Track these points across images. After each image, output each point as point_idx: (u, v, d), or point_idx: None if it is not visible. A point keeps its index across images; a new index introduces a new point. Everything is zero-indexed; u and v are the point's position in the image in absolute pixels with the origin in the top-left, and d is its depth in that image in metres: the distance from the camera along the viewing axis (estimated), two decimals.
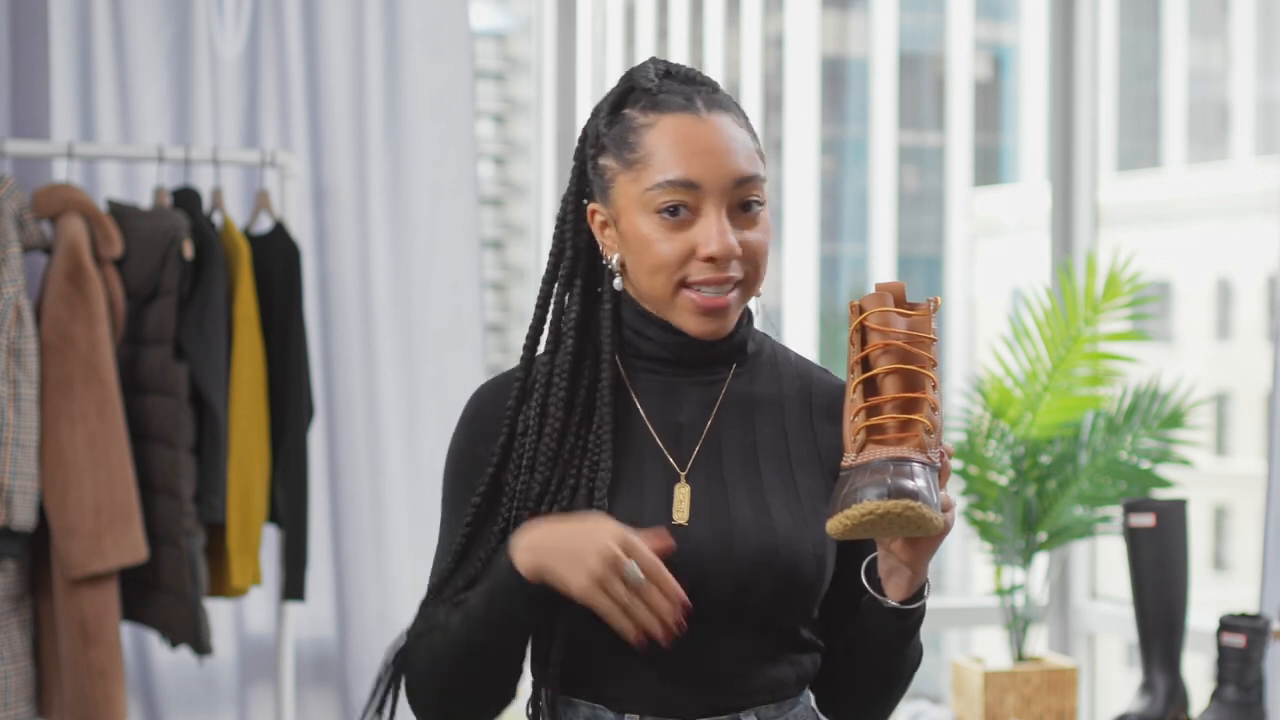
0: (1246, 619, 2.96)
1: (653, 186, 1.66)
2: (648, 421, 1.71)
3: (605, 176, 1.70)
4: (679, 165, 1.65)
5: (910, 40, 6.57)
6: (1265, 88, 6.64)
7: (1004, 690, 3.47)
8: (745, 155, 1.68)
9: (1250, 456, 7.49)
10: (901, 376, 1.58)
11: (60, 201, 2.96)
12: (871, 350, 1.59)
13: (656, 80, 1.70)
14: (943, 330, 5.92)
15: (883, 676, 1.74)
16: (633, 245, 1.68)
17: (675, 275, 1.66)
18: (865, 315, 1.60)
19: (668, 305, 1.69)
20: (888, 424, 1.57)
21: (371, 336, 3.38)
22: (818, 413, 1.76)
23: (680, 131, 1.66)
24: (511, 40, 5.81)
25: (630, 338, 1.73)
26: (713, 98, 1.69)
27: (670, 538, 1.59)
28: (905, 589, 1.66)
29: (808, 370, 1.80)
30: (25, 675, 2.95)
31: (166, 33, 3.30)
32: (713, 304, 1.67)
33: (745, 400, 1.74)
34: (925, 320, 1.60)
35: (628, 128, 1.68)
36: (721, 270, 1.66)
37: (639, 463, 1.69)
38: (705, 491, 1.68)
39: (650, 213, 1.66)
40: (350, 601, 3.37)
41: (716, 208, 1.66)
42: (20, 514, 2.87)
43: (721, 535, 1.66)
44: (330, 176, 3.39)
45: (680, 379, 1.73)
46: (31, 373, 2.89)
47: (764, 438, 1.73)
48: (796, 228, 6.20)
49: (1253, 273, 7.57)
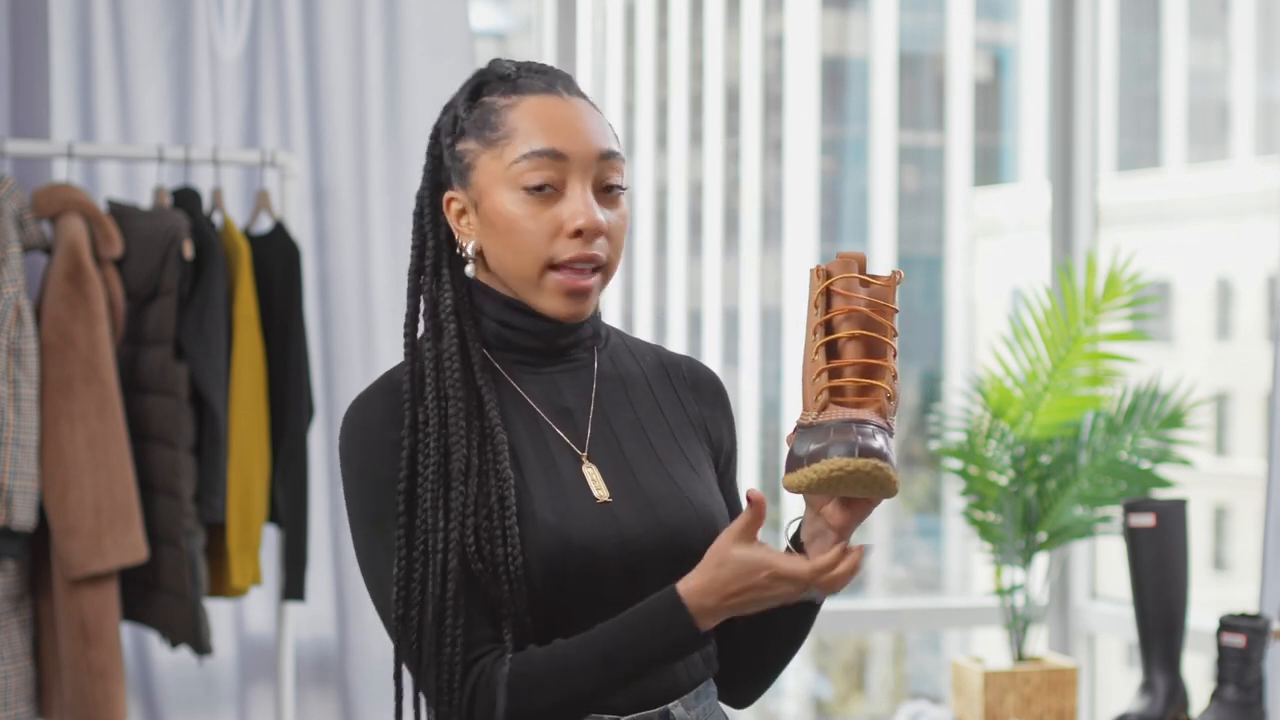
0: (1246, 619, 2.96)
1: (518, 159, 1.67)
2: (536, 408, 1.72)
3: (465, 160, 1.71)
4: (544, 136, 1.67)
5: (910, 40, 6.57)
6: (1265, 88, 6.64)
7: (1004, 690, 3.47)
8: (608, 132, 1.71)
9: (1250, 456, 7.48)
10: (864, 343, 1.60)
11: (60, 201, 2.96)
12: (835, 315, 1.61)
13: (514, 69, 1.72)
14: (942, 330, 5.88)
15: (783, 647, 1.78)
16: (497, 226, 1.69)
17: (544, 254, 1.67)
18: (832, 280, 1.61)
19: (532, 287, 1.69)
20: (848, 387, 1.59)
21: (371, 336, 3.38)
22: (679, 382, 1.81)
23: (544, 108, 1.69)
24: (511, 40, 5.80)
25: (497, 330, 1.73)
26: (571, 84, 1.73)
27: (759, 494, 1.59)
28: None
29: (650, 347, 1.85)
30: (25, 675, 2.95)
31: (166, 33, 3.30)
32: (578, 285, 1.68)
33: (616, 380, 1.77)
34: (890, 290, 1.62)
35: (489, 109, 1.70)
36: (587, 247, 1.67)
37: (544, 446, 1.70)
38: (612, 470, 1.71)
39: (515, 189, 1.67)
40: (350, 601, 3.37)
41: (582, 183, 1.68)
42: (20, 514, 2.87)
43: (645, 510, 1.68)
44: (330, 176, 3.39)
45: (550, 367, 1.75)
46: (31, 373, 2.89)
47: (644, 413, 1.76)
48: (796, 228, 6.20)
49: (1253, 273, 7.56)
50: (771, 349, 6.37)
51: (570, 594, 1.64)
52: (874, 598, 5.41)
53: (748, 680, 1.81)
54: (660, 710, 1.68)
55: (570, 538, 1.65)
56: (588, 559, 1.65)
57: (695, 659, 1.72)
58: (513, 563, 1.62)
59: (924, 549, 6.63)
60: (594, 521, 1.66)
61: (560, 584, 1.64)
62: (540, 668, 1.62)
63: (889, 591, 6.25)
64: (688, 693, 1.71)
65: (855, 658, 8.41)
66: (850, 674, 8.40)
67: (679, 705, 1.70)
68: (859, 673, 8.37)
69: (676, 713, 1.69)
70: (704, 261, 7.24)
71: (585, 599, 1.64)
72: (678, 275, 7.07)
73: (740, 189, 6.78)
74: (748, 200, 6.74)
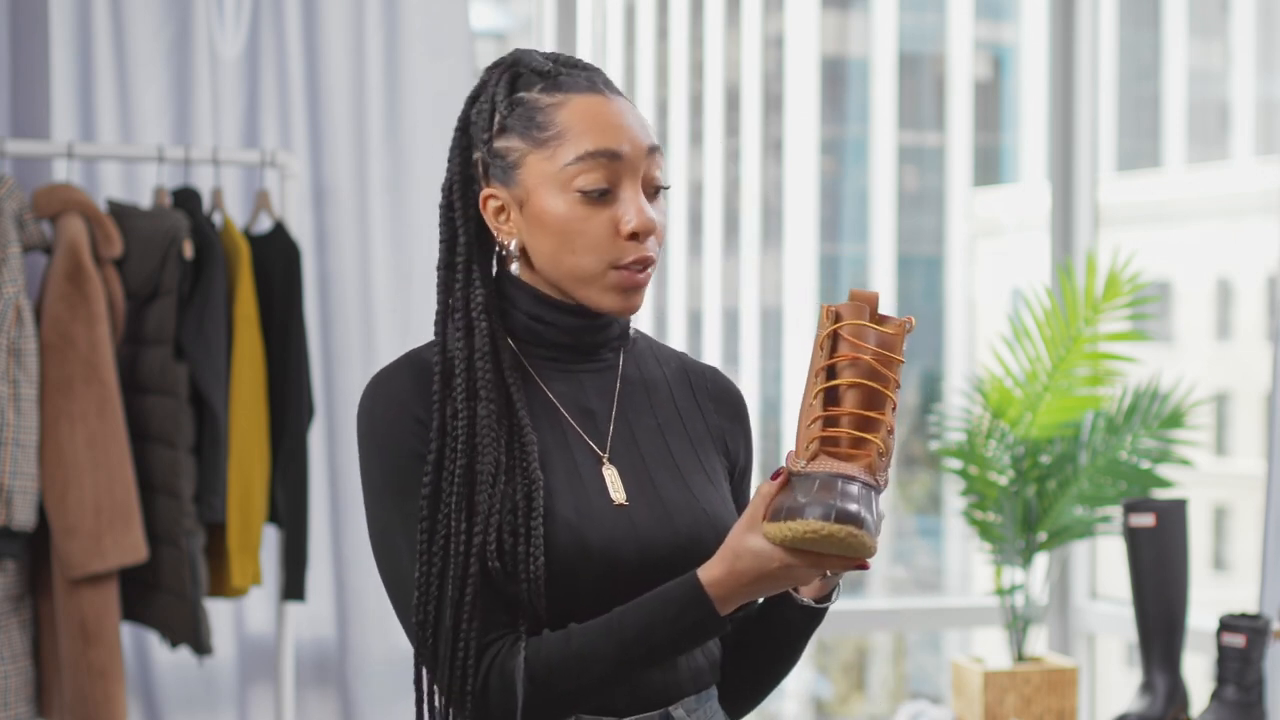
0: (1246, 619, 2.96)
1: (573, 161, 1.66)
2: (560, 407, 1.72)
3: (508, 158, 1.69)
4: (598, 137, 1.66)
5: (910, 40, 6.57)
6: (1265, 88, 6.64)
7: (1004, 690, 3.47)
8: (649, 128, 1.71)
9: (1250, 456, 7.48)
10: (864, 392, 1.57)
11: (60, 201, 2.96)
12: (839, 360, 1.58)
13: (549, 64, 1.71)
14: (942, 330, 5.88)
15: (776, 667, 1.78)
16: (550, 227, 1.68)
17: (606, 256, 1.67)
18: (841, 324, 1.59)
19: (589, 286, 1.69)
20: (842, 438, 1.56)
21: (371, 336, 3.38)
22: (700, 392, 1.81)
23: (593, 108, 1.68)
24: (511, 40, 5.80)
25: (528, 324, 1.73)
26: (608, 81, 1.72)
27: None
28: (818, 588, 1.71)
29: (676, 354, 1.85)
30: (25, 675, 2.95)
31: (166, 33, 3.30)
32: (636, 282, 1.69)
33: (639, 384, 1.77)
34: (898, 340, 1.59)
35: (534, 107, 1.68)
36: (644, 249, 1.68)
37: (566, 445, 1.70)
38: (631, 473, 1.71)
39: (569, 191, 1.67)
40: (350, 601, 3.37)
41: (633, 183, 1.68)
42: (20, 514, 2.87)
43: (661, 516, 1.68)
44: (330, 176, 3.39)
45: (576, 366, 1.75)
46: (31, 373, 2.89)
47: (665, 419, 1.76)
48: (796, 228, 6.20)
49: (1253, 273, 7.55)
50: (771, 349, 6.37)
51: (584, 594, 1.64)
52: (874, 598, 5.41)
53: (746, 690, 1.81)
54: (661, 712, 1.68)
55: (588, 538, 1.65)
56: (604, 560, 1.65)
57: (701, 664, 1.73)
58: (534, 562, 1.62)
59: (924, 549, 6.63)
60: (612, 524, 1.67)
61: (574, 583, 1.64)
62: (557, 653, 1.62)
63: (889, 591, 6.25)
64: (690, 695, 1.71)
65: (855, 658, 8.41)
66: (850, 674, 8.40)
67: (679, 708, 1.70)
68: (859, 673, 8.38)
69: (677, 715, 1.69)
70: (704, 261, 7.24)
71: (598, 599, 1.64)
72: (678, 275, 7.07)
73: (740, 189, 6.79)
74: (748, 200, 6.74)
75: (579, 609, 1.64)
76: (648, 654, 1.61)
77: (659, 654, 1.62)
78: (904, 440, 8.52)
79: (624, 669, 1.62)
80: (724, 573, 1.59)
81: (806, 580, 1.60)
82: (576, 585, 1.64)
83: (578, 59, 1.73)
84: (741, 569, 1.58)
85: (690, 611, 1.60)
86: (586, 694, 1.63)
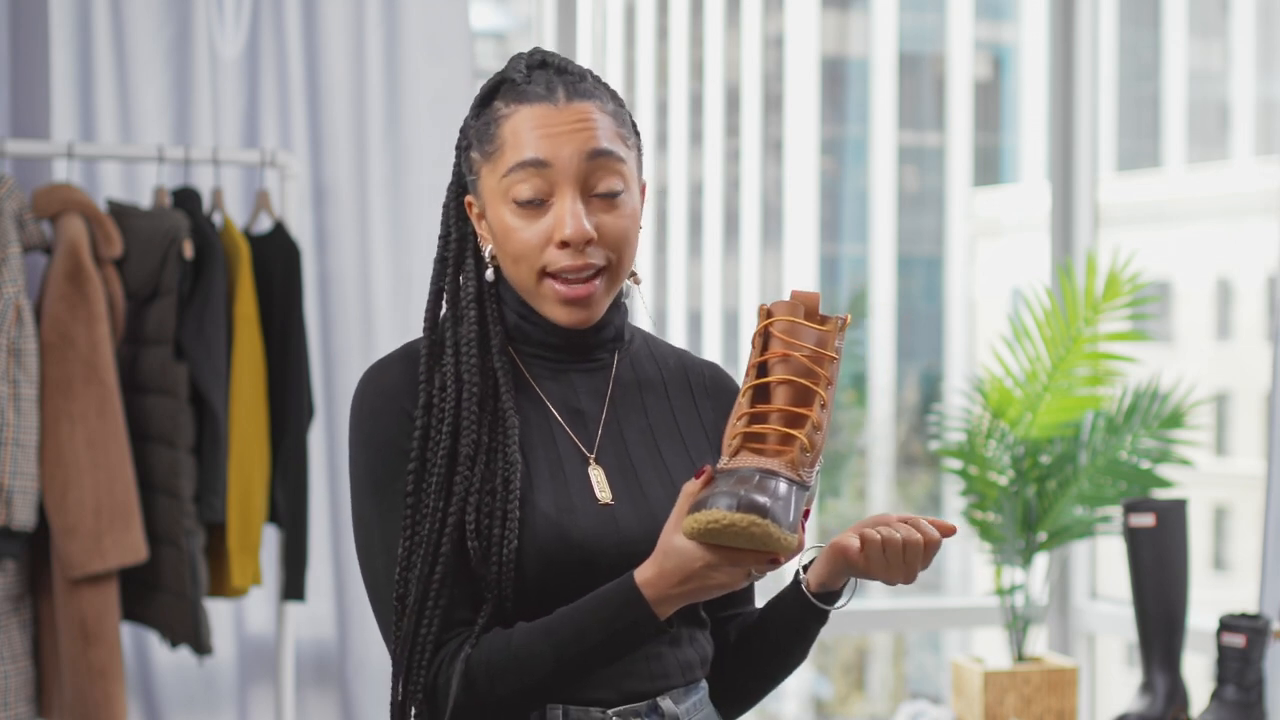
0: (1246, 619, 2.96)
1: (506, 173, 1.68)
2: (549, 405, 1.73)
3: (473, 170, 1.73)
4: (528, 147, 1.67)
5: (910, 40, 6.58)
6: (1265, 88, 6.64)
7: (1004, 690, 3.47)
8: (602, 133, 1.69)
9: (1250, 456, 7.48)
10: (793, 389, 1.56)
11: (60, 201, 2.96)
12: (770, 357, 1.58)
13: (526, 72, 1.72)
14: (942, 331, 5.87)
15: (774, 669, 1.78)
16: (497, 236, 1.71)
17: (536, 264, 1.68)
18: (771, 321, 1.59)
19: (534, 295, 1.71)
20: (768, 434, 1.56)
21: (371, 336, 3.38)
22: (698, 390, 1.82)
23: (534, 118, 1.68)
24: (511, 40, 5.80)
25: (518, 323, 1.74)
26: (577, 86, 1.70)
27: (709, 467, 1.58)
28: (821, 582, 1.71)
29: (679, 353, 1.85)
30: (25, 675, 2.95)
31: (166, 33, 3.30)
32: (575, 294, 1.69)
33: (633, 385, 1.78)
34: (830, 336, 1.58)
35: (490, 120, 1.71)
36: (578, 257, 1.67)
37: (551, 442, 1.71)
38: (617, 473, 1.71)
39: (508, 202, 1.69)
40: (350, 601, 3.37)
41: (571, 191, 1.68)
42: (20, 514, 2.87)
43: (645, 516, 1.69)
44: (330, 176, 3.39)
45: (568, 366, 1.75)
46: (31, 373, 2.89)
47: (656, 420, 1.77)
48: (796, 228, 6.20)
49: (1253, 273, 7.56)
50: None
51: (564, 589, 1.65)
52: (874, 598, 5.41)
53: (743, 691, 1.81)
54: (649, 703, 1.69)
55: (569, 534, 1.65)
56: (584, 557, 1.65)
57: (691, 657, 1.73)
58: (507, 545, 1.63)
59: None
60: (594, 521, 1.67)
61: (555, 578, 1.65)
62: (499, 653, 1.63)
63: (889, 591, 6.25)
64: (678, 687, 1.71)
65: (855, 658, 8.42)
66: (850, 674, 8.40)
67: (668, 699, 1.70)
68: (859, 673, 8.38)
69: (665, 706, 1.69)
70: (704, 261, 7.24)
71: (578, 595, 1.64)
72: (678, 275, 7.08)
73: (740, 189, 6.79)
74: (748, 200, 6.75)
75: (559, 604, 1.64)
76: (584, 655, 1.61)
77: (596, 656, 1.61)
78: (904, 440, 8.50)
79: (563, 669, 1.62)
80: (655, 573, 1.59)
81: (731, 580, 1.57)
82: (557, 581, 1.65)
83: (561, 61, 1.73)
84: (670, 568, 1.57)
85: (625, 612, 1.60)
86: (533, 695, 1.63)
